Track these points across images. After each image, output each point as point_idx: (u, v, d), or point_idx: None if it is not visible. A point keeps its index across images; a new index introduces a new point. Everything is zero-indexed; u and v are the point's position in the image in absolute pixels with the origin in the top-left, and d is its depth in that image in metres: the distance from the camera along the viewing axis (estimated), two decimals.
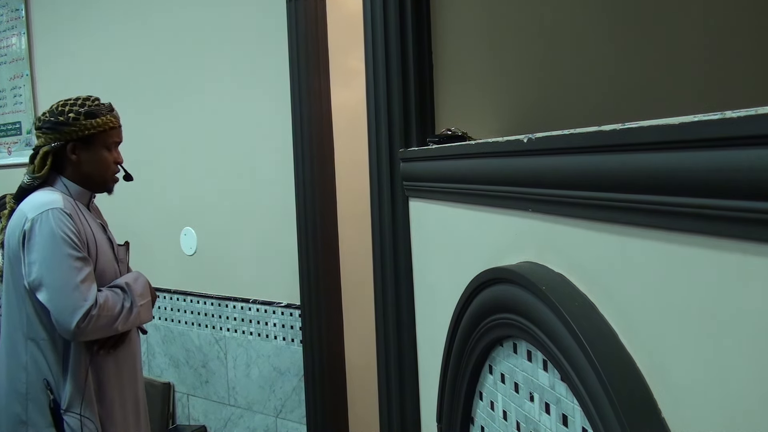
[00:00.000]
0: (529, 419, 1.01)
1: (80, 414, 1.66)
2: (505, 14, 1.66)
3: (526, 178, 0.97)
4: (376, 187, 1.63)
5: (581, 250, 0.86)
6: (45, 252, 1.62)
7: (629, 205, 0.73)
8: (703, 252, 0.64)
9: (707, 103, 1.57)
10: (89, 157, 1.76)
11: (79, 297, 1.60)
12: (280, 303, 2.52)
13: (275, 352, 2.54)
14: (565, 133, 0.83)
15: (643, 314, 0.74)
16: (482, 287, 1.09)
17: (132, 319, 1.74)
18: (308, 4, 2.28)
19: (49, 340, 1.67)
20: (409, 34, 1.54)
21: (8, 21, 3.62)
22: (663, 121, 0.65)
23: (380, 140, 1.59)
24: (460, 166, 1.24)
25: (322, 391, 2.39)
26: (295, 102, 2.32)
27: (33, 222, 1.64)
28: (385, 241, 1.61)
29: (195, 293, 2.82)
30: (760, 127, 0.54)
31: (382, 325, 1.64)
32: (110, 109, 1.79)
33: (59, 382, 1.68)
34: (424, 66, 1.56)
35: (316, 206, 2.33)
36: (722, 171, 0.59)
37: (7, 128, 3.72)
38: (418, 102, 1.55)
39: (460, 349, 1.21)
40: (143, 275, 1.84)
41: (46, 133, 1.72)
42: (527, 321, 0.93)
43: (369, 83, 1.62)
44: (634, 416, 0.72)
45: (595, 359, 0.77)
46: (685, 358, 0.67)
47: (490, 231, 1.15)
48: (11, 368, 1.71)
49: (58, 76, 3.39)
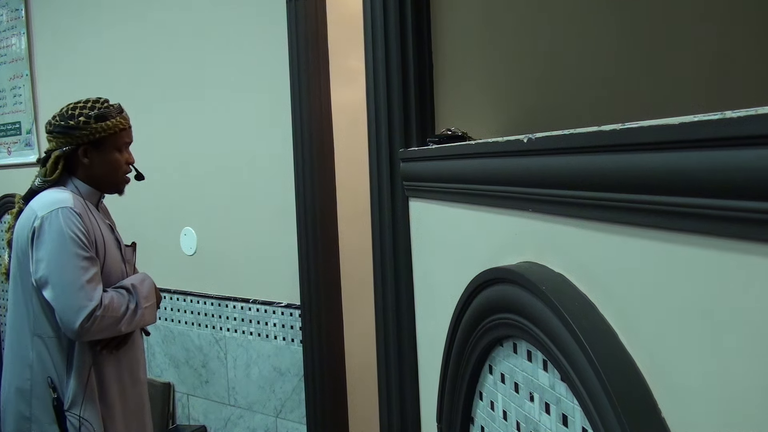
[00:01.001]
0: (529, 419, 1.01)
1: (80, 416, 1.66)
2: (505, 14, 1.66)
3: (526, 178, 0.97)
4: (376, 187, 1.63)
5: (581, 250, 0.86)
6: (53, 250, 1.63)
7: (629, 205, 0.73)
8: (703, 252, 0.64)
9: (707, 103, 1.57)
10: (101, 160, 1.76)
11: (85, 297, 1.61)
12: (280, 303, 2.52)
13: (275, 352, 2.54)
14: (565, 133, 0.83)
15: (643, 314, 0.74)
16: (482, 287, 1.09)
17: (136, 320, 1.74)
18: (308, 4, 2.28)
19: (55, 338, 1.68)
20: (409, 34, 1.54)
21: (8, 21, 3.62)
22: (663, 121, 0.65)
23: (380, 140, 1.59)
24: (460, 166, 1.24)
25: (322, 391, 2.39)
26: (295, 102, 2.32)
27: (43, 220, 1.64)
28: (385, 241, 1.61)
29: (195, 293, 2.82)
30: (760, 127, 0.54)
31: (382, 325, 1.64)
32: (120, 110, 1.80)
33: (63, 381, 1.68)
34: (424, 66, 1.56)
35: (316, 206, 2.33)
36: (722, 171, 0.59)
37: (7, 128, 3.72)
38: (418, 102, 1.55)
39: (460, 349, 1.21)
40: (149, 277, 1.85)
41: (57, 137, 1.73)
42: (527, 321, 0.93)
43: (369, 83, 1.62)
44: (634, 416, 0.71)
45: (595, 359, 0.77)
46: (685, 358, 0.67)
47: (490, 231, 1.15)
48: (17, 365, 1.72)
49: (58, 76, 3.39)
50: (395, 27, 1.54)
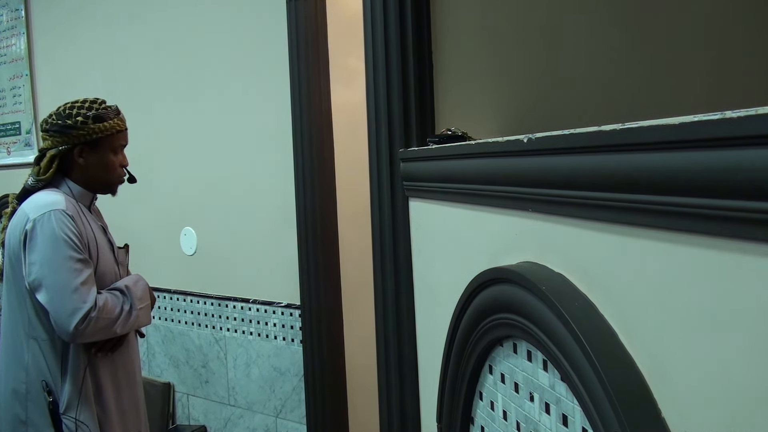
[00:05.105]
0: (529, 419, 1.01)
1: (75, 418, 1.66)
2: (505, 14, 1.67)
3: (526, 178, 0.97)
4: (376, 187, 1.63)
5: (581, 250, 0.86)
6: (46, 253, 1.62)
7: (629, 205, 0.73)
8: (703, 252, 0.64)
9: (707, 103, 1.57)
10: (96, 160, 1.76)
11: (79, 299, 1.60)
12: (280, 303, 2.52)
13: (275, 352, 2.54)
14: (565, 133, 0.83)
15: (643, 314, 0.74)
16: (482, 287, 1.09)
17: (131, 322, 1.73)
18: (308, 4, 2.28)
19: (49, 341, 1.67)
20: (409, 34, 1.54)
21: (8, 21, 3.62)
22: (663, 121, 0.65)
23: (380, 140, 1.59)
24: (460, 166, 1.24)
25: (322, 391, 2.39)
26: (295, 102, 2.32)
27: (35, 222, 1.63)
28: (385, 241, 1.61)
29: (195, 293, 2.82)
30: (760, 127, 0.54)
31: (382, 325, 1.64)
32: (117, 112, 1.79)
33: (58, 383, 1.68)
34: (424, 66, 1.56)
35: (316, 206, 2.33)
36: (722, 171, 0.59)
37: (7, 128, 3.72)
38: (418, 102, 1.55)
39: (460, 349, 1.21)
40: (143, 278, 1.84)
41: (53, 136, 1.72)
42: (527, 321, 0.93)
43: (369, 83, 1.62)
44: (634, 416, 0.72)
45: (595, 359, 0.77)
46: (685, 358, 0.67)
47: (490, 231, 1.15)
48: (12, 368, 1.71)
49: (58, 76, 3.39)
50: (395, 27, 1.54)
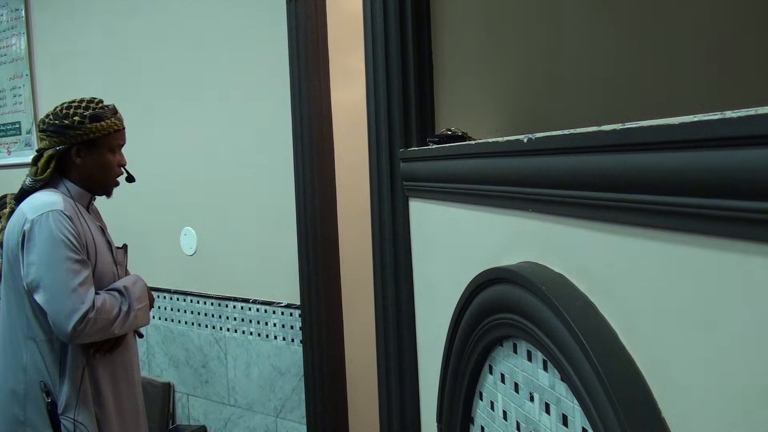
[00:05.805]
0: (529, 419, 1.01)
1: (74, 419, 1.66)
2: (505, 14, 1.66)
3: (526, 178, 0.97)
4: (376, 187, 1.63)
5: (581, 250, 0.86)
6: (44, 254, 1.62)
7: (629, 205, 0.73)
8: (703, 252, 0.64)
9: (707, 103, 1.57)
10: (93, 160, 1.75)
11: (77, 300, 1.60)
12: (280, 303, 2.52)
13: (275, 352, 2.54)
14: (565, 133, 0.83)
15: (643, 314, 0.74)
16: (482, 287, 1.09)
17: (129, 322, 1.73)
18: (308, 4, 2.28)
19: (47, 342, 1.67)
20: (409, 33, 1.54)
21: (8, 21, 3.62)
22: (663, 121, 0.65)
23: (380, 140, 1.59)
24: (460, 166, 1.24)
25: (322, 391, 2.39)
26: (295, 102, 2.32)
27: (33, 223, 1.63)
28: (385, 241, 1.61)
29: (195, 293, 2.82)
30: (760, 127, 0.54)
31: (382, 325, 1.64)
32: (114, 111, 1.78)
33: (56, 384, 1.67)
34: (424, 66, 1.55)
35: (316, 206, 2.33)
36: (722, 171, 0.59)
37: (7, 128, 3.72)
38: (418, 102, 1.55)
39: (460, 349, 1.21)
40: (141, 279, 1.84)
41: (51, 136, 1.71)
42: (527, 321, 0.93)
43: (369, 83, 1.62)
44: (634, 416, 0.71)
45: (595, 359, 0.77)
46: (684, 358, 0.67)
47: (490, 231, 1.15)
48: (11, 368, 1.71)
49: (58, 76, 3.39)
50: (395, 27, 1.54)
